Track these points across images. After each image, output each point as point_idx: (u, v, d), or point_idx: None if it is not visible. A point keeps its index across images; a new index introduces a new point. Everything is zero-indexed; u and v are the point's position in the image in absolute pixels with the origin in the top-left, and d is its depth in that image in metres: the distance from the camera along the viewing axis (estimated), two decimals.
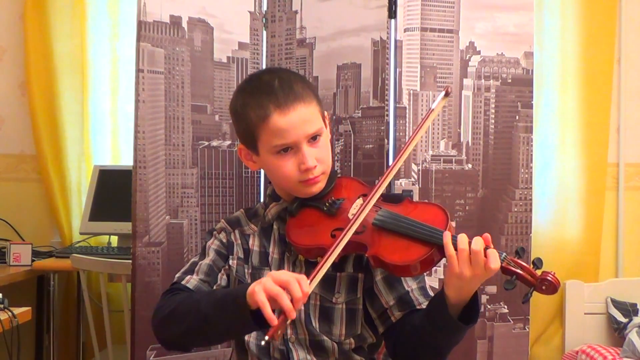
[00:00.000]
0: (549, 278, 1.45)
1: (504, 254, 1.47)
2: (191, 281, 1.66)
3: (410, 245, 1.53)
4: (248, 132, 1.64)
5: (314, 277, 1.47)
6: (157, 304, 1.64)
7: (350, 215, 1.60)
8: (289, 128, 1.59)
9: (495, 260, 1.44)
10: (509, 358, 2.47)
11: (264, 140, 1.62)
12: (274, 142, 1.61)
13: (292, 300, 1.39)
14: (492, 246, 1.48)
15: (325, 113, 1.71)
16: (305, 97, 1.62)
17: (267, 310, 1.39)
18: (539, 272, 1.47)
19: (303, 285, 1.41)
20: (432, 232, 1.52)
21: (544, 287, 1.45)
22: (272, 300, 1.40)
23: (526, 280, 1.47)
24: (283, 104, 1.59)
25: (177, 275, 1.71)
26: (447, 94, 1.61)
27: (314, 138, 1.63)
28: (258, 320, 1.42)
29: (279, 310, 1.40)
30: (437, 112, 1.65)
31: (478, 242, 1.46)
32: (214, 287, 1.66)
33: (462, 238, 1.47)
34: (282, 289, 1.40)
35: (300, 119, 1.60)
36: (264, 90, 1.62)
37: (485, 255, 1.45)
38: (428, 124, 1.65)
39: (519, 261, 1.47)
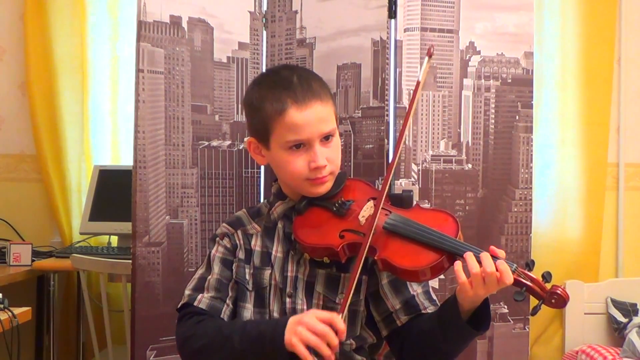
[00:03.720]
0: (558, 292, 1.46)
1: (515, 265, 1.47)
2: (203, 300, 1.67)
3: (421, 250, 1.53)
4: (262, 125, 1.64)
5: (345, 307, 1.50)
6: (180, 330, 1.66)
7: (360, 218, 1.61)
8: (304, 124, 1.60)
9: (508, 277, 1.44)
10: (509, 358, 2.47)
11: (278, 134, 1.62)
12: (287, 136, 1.61)
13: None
14: (502, 256, 1.48)
15: (338, 115, 1.71)
16: (323, 96, 1.63)
17: None
18: (548, 286, 1.47)
19: (338, 325, 1.45)
20: (443, 239, 1.52)
21: (553, 301, 1.46)
22: (312, 348, 1.45)
23: (536, 293, 1.47)
24: (301, 100, 1.60)
25: (186, 292, 1.70)
26: (430, 56, 1.59)
27: (326, 138, 1.63)
28: None
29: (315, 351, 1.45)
30: (424, 79, 1.63)
31: (489, 263, 1.45)
32: (227, 301, 1.67)
33: (472, 262, 1.46)
34: (319, 338, 1.44)
35: (316, 116, 1.61)
36: (282, 85, 1.63)
37: (498, 271, 1.45)
38: (419, 96, 1.64)
39: (529, 273, 1.48)
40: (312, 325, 1.45)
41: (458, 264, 1.47)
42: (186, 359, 1.65)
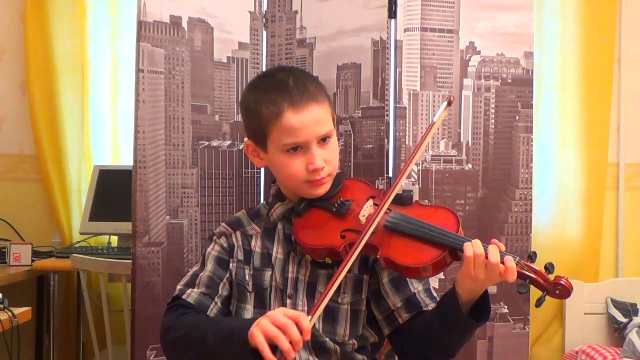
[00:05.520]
0: (562, 282, 1.46)
1: (518, 258, 1.47)
2: (192, 295, 1.68)
3: (423, 247, 1.53)
4: (259, 128, 1.64)
5: (316, 310, 1.48)
6: (164, 320, 1.68)
7: (360, 217, 1.61)
8: (301, 127, 1.60)
9: (512, 274, 1.45)
10: (509, 358, 2.47)
11: (275, 137, 1.62)
12: (284, 140, 1.61)
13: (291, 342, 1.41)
14: (503, 248, 1.48)
15: (335, 116, 1.71)
16: (319, 98, 1.63)
17: (266, 353, 1.41)
18: (551, 277, 1.47)
19: (303, 324, 1.42)
20: (445, 234, 1.52)
21: (557, 292, 1.46)
22: (271, 341, 1.42)
23: (539, 285, 1.47)
24: (297, 103, 1.60)
25: (178, 286, 1.73)
26: (449, 104, 1.62)
27: (323, 139, 1.63)
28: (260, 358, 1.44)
29: (280, 350, 1.41)
30: (439, 123, 1.66)
31: (495, 253, 1.46)
32: (215, 299, 1.68)
33: (477, 243, 1.48)
34: (280, 330, 1.41)
35: (313, 119, 1.61)
36: (278, 88, 1.63)
37: (503, 263, 1.45)
38: (431, 136, 1.67)
39: (532, 265, 1.48)
40: (275, 318, 1.43)
41: (468, 244, 1.48)
42: (165, 349, 1.67)
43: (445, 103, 1.62)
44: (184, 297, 1.68)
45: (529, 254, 1.50)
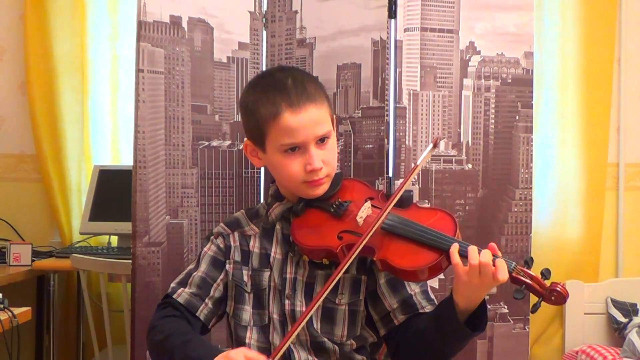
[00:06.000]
0: (558, 289, 1.46)
1: (514, 263, 1.47)
2: (183, 294, 1.69)
3: (419, 250, 1.53)
4: (257, 128, 1.64)
5: (281, 348, 1.49)
6: (153, 317, 1.70)
7: (358, 219, 1.61)
8: (298, 128, 1.59)
9: (503, 273, 1.45)
10: (509, 358, 2.47)
11: (273, 137, 1.62)
12: (282, 140, 1.61)
13: None
14: (500, 254, 1.48)
15: (334, 116, 1.71)
16: (317, 99, 1.63)
17: None
18: (547, 283, 1.47)
19: None
20: (442, 238, 1.52)
21: (552, 298, 1.46)
22: None
23: (535, 291, 1.47)
24: (295, 104, 1.60)
25: (172, 284, 1.74)
26: (435, 145, 1.63)
27: (322, 140, 1.63)
28: None
29: None
30: (423, 164, 1.69)
31: (486, 255, 1.46)
32: (206, 300, 1.70)
33: (473, 252, 1.47)
34: None
35: (311, 119, 1.60)
36: (277, 88, 1.62)
37: (494, 266, 1.45)
38: (414, 175, 1.68)
39: (529, 271, 1.48)
40: None
41: (455, 247, 1.48)
42: (147, 347, 1.71)
43: (431, 145, 1.63)
44: (174, 296, 1.70)
45: (526, 260, 1.50)
